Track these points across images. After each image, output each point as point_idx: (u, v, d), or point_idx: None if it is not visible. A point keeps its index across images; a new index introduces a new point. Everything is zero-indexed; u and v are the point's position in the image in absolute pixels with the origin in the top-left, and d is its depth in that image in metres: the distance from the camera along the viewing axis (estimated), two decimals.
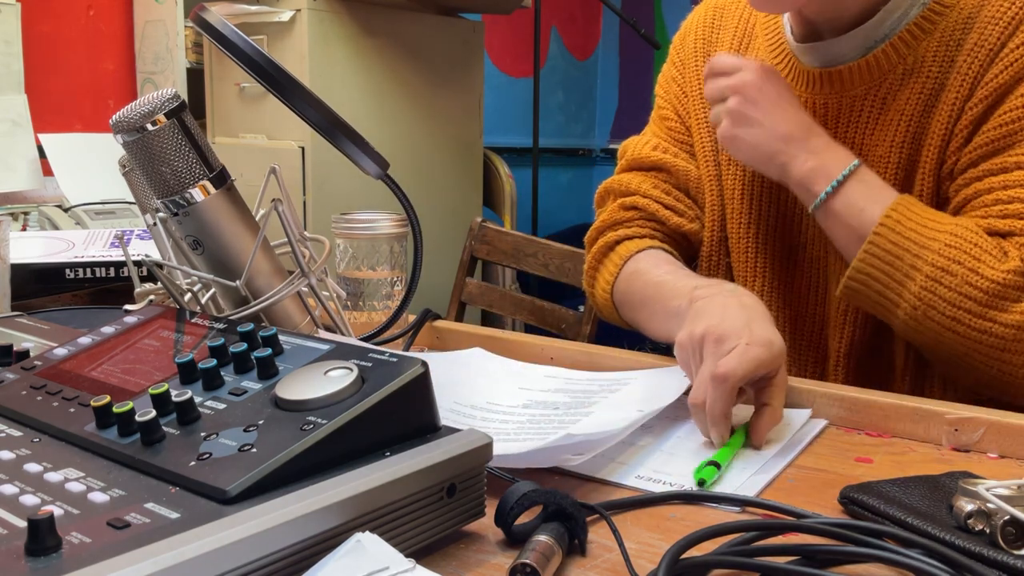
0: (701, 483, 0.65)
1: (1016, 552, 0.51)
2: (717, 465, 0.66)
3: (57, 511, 0.44)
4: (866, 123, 0.96)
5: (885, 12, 0.93)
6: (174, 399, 0.52)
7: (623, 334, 1.05)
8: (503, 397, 0.83)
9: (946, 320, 0.82)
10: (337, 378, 0.52)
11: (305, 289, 0.82)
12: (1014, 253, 0.82)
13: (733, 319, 0.77)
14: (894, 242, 0.85)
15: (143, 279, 1.03)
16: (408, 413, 0.53)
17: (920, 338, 0.86)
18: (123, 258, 1.20)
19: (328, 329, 0.86)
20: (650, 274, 0.99)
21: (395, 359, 0.54)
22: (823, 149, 0.91)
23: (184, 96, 1.41)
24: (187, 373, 0.57)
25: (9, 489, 0.47)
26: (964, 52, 0.90)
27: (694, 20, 1.15)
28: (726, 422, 0.72)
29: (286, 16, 2.51)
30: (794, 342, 1.03)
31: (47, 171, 2.48)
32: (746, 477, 0.67)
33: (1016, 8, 0.88)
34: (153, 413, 0.51)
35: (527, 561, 0.50)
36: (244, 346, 0.57)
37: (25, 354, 0.70)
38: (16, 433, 0.56)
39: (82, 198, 2.28)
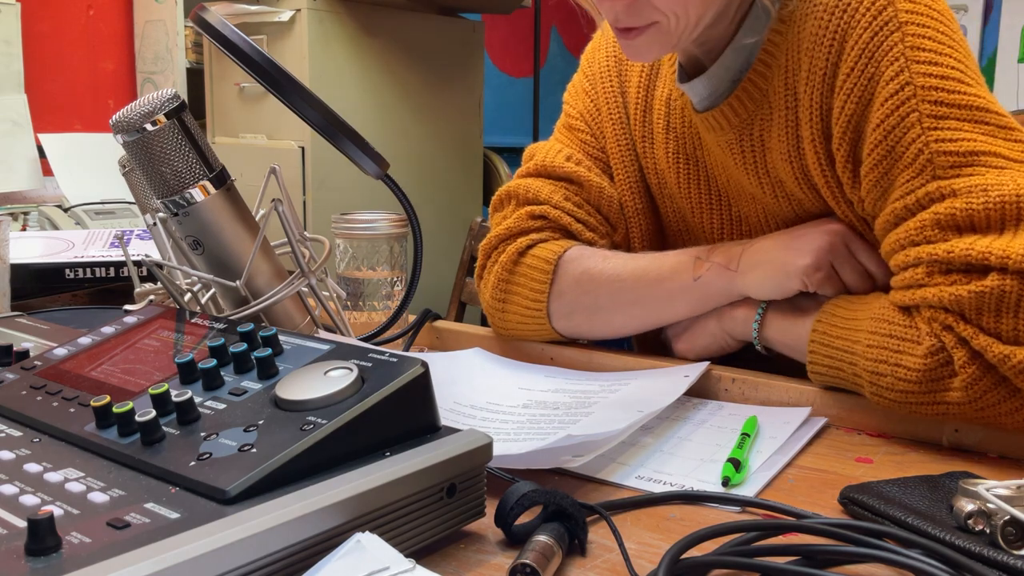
0: (726, 481, 0.65)
1: (1016, 552, 0.51)
2: (737, 462, 0.67)
3: (57, 511, 0.44)
4: (757, 163, 0.88)
5: (741, 34, 0.85)
6: (174, 399, 0.52)
7: None
8: (503, 397, 0.83)
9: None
10: (337, 378, 0.52)
11: (305, 289, 0.82)
12: (924, 330, 0.74)
13: (794, 236, 0.84)
14: (828, 348, 0.80)
15: (143, 279, 1.03)
16: (408, 413, 0.53)
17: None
18: (123, 258, 1.20)
19: (328, 329, 0.86)
20: (611, 265, 0.92)
21: (395, 359, 0.54)
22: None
23: (184, 96, 1.41)
24: (187, 373, 0.57)
25: (9, 489, 0.47)
26: (802, 80, 0.82)
27: (606, 34, 1.06)
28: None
29: (286, 16, 2.51)
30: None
31: (47, 171, 2.49)
32: (746, 476, 0.67)
33: (836, 20, 0.79)
34: (153, 413, 0.51)
35: (527, 561, 0.50)
36: (244, 346, 0.57)
37: (25, 354, 0.70)
38: (16, 433, 0.56)
39: (82, 198, 2.29)
